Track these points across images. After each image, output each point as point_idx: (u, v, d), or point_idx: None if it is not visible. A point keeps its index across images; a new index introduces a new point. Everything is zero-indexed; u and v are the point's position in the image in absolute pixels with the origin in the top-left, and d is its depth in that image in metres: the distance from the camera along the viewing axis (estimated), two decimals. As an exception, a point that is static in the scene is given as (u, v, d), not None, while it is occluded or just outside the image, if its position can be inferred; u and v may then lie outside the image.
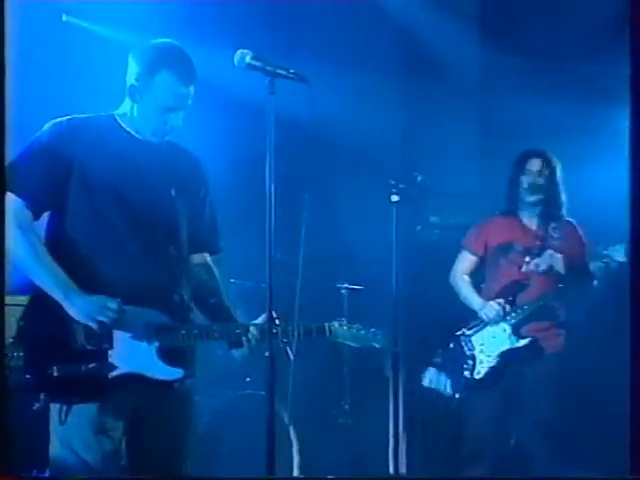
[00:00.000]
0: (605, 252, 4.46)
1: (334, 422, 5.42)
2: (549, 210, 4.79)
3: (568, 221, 4.83)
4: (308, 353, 3.18)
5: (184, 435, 3.15)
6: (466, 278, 4.90)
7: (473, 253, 4.91)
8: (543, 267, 4.66)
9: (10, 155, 3.01)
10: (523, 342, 4.61)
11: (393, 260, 4.24)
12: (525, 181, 4.77)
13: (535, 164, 4.77)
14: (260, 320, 3.09)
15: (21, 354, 2.91)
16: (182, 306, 3.14)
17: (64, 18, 4.89)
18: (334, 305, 5.47)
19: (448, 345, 4.74)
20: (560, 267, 4.67)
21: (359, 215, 5.65)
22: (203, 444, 4.33)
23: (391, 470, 4.02)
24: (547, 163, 4.77)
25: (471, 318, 4.78)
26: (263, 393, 2.89)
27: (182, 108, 3.09)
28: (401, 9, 5.67)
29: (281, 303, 2.95)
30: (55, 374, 2.86)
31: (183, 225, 3.17)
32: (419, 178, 4.61)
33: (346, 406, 5.44)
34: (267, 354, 2.87)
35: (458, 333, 4.75)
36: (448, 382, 4.69)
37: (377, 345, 3.26)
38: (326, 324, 3.20)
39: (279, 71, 2.89)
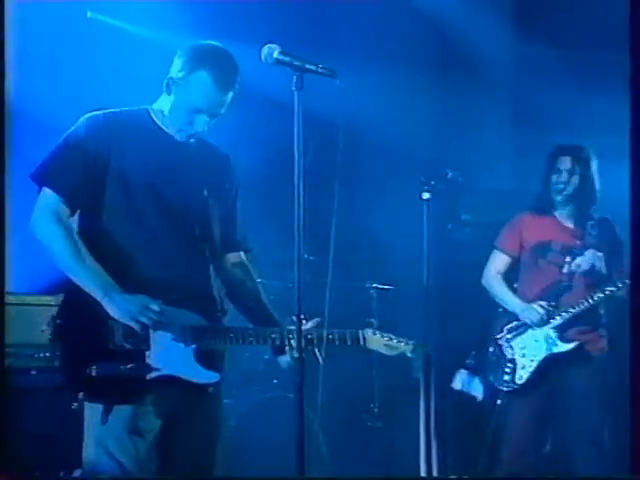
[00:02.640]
0: None
1: (363, 425, 5.44)
2: (584, 208, 4.73)
3: (605, 218, 4.77)
4: (336, 355, 3.19)
5: (215, 438, 3.17)
6: (500, 279, 4.83)
7: (507, 253, 4.84)
8: (585, 267, 4.60)
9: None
10: (569, 346, 4.55)
11: (424, 259, 4.25)
12: (555, 180, 4.71)
13: (565, 162, 4.71)
14: (308, 326, 3.06)
15: (57, 351, 2.93)
16: (216, 308, 3.16)
17: (89, 15, 4.95)
18: (363, 305, 5.49)
19: (487, 348, 4.69)
20: (602, 266, 4.62)
21: (389, 213, 5.65)
22: (231, 447, 4.35)
23: (422, 473, 4.02)
24: (578, 160, 4.69)
25: (505, 320, 4.73)
26: (291, 395, 2.90)
27: (212, 114, 3.09)
28: (432, 1, 5.65)
29: (310, 304, 2.96)
30: (93, 374, 2.87)
31: (215, 225, 3.19)
32: (450, 175, 4.60)
33: (375, 409, 5.45)
34: (296, 355, 2.88)
35: (497, 336, 4.69)
36: (481, 386, 4.66)
37: (410, 355, 3.25)
38: (360, 332, 3.19)
39: (308, 66, 2.86)
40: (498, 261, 4.87)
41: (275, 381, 5.03)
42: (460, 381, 4.70)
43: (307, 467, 2.84)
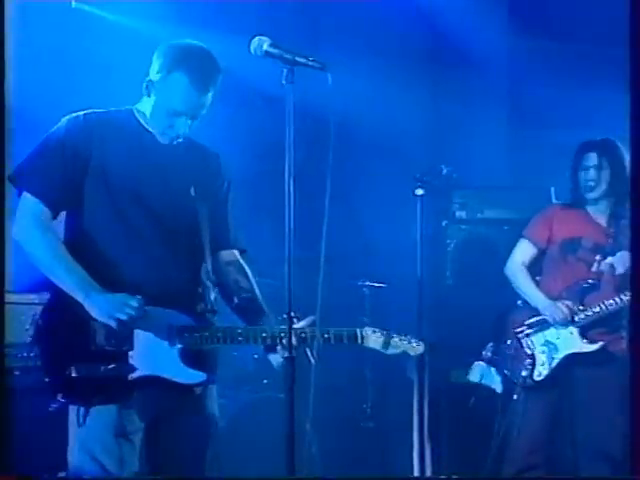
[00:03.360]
0: None
1: (356, 426, 5.42)
2: (617, 204, 4.63)
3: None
4: (329, 355, 3.17)
5: (204, 440, 3.16)
6: (526, 271, 4.72)
7: (535, 244, 4.72)
8: (620, 270, 4.52)
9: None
10: (593, 347, 4.50)
11: (417, 257, 4.23)
12: (584, 177, 4.63)
13: (591, 159, 4.62)
14: (301, 324, 3.05)
15: (38, 353, 2.93)
16: (205, 308, 3.15)
17: (73, 4, 4.92)
18: (356, 303, 5.48)
19: (505, 341, 4.63)
20: None
21: (382, 210, 5.64)
22: (221, 448, 4.34)
23: (415, 473, 4.01)
24: (607, 156, 4.59)
25: (525, 313, 4.65)
26: (282, 396, 2.89)
27: (192, 116, 3.07)
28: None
29: (301, 301, 2.94)
30: (73, 374, 2.87)
31: (205, 224, 3.17)
32: (445, 171, 4.58)
33: (368, 409, 5.44)
34: (286, 355, 2.87)
35: (517, 330, 4.64)
36: (499, 379, 4.60)
37: (412, 353, 3.22)
38: (358, 330, 3.16)
39: (298, 59, 2.84)
40: (524, 251, 4.75)
41: (265, 381, 5.02)
42: (479, 373, 4.63)
43: (298, 468, 2.83)
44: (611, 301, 4.47)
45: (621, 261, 4.55)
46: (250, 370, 5.02)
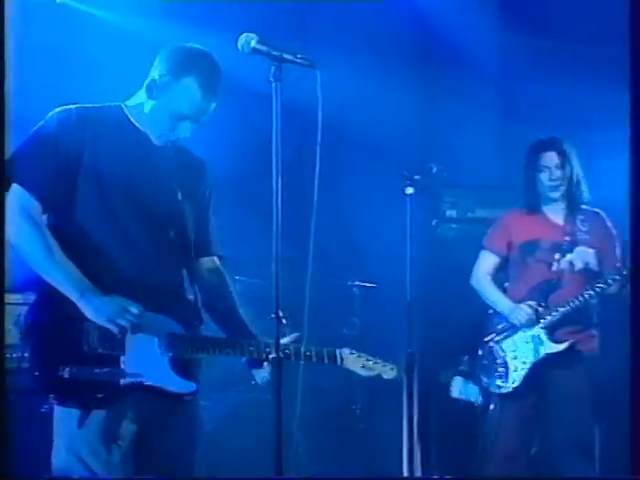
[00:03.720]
0: None
1: (345, 427, 5.42)
2: (573, 202, 4.68)
3: (596, 212, 4.71)
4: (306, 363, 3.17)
5: (193, 445, 3.15)
6: (490, 279, 4.78)
7: (496, 253, 4.78)
8: (579, 266, 4.55)
9: (10, 145, 2.98)
10: (561, 347, 4.50)
11: (407, 256, 4.23)
12: (544, 178, 4.64)
13: (551, 158, 4.63)
14: (287, 340, 3.07)
15: (27, 352, 2.89)
16: (193, 315, 3.13)
17: (58, 0, 4.89)
18: (345, 304, 5.47)
19: (476, 352, 4.65)
20: (593, 264, 4.57)
21: (371, 209, 5.63)
22: (208, 451, 4.33)
23: (405, 474, 4.01)
24: (563, 153, 4.63)
25: (496, 321, 4.69)
26: (269, 397, 2.89)
27: (195, 121, 3.06)
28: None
29: (290, 302, 2.93)
30: (66, 376, 2.83)
31: (190, 229, 3.17)
32: (435, 169, 4.58)
33: (357, 411, 5.43)
34: (273, 355, 2.84)
35: (487, 339, 4.65)
36: (477, 390, 4.61)
37: (386, 377, 3.26)
38: (337, 351, 3.21)
39: (286, 56, 2.82)
40: (487, 261, 4.82)
41: (253, 382, 5.00)
42: (457, 389, 4.67)
43: (285, 470, 2.81)
44: (574, 298, 4.47)
45: (579, 257, 4.58)
46: (238, 371, 5.00)
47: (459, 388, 4.64)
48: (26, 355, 2.91)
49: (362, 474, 5.16)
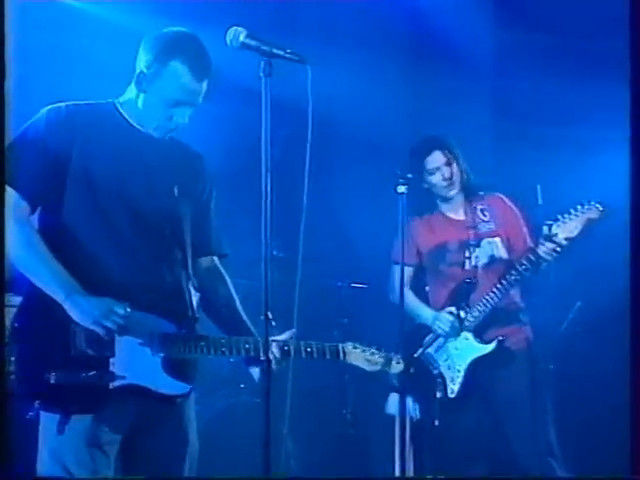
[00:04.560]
0: (552, 232, 4.19)
1: (335, 432, 5.41)
2: (469, 192, 4.61)
3: (494, 196, 4.65)
4: (308, 360, 3.15)
5: (182, 450, 3.11)
6: (407, 291, 4.55)
7: (407, 264, 4.49)
8: (484, 260, 4.51)
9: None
10: (490, 347, 4.41)
11: (400, 256, 4.21)
12: (436, 180, 4.56)
13: (437, 158, 4.56)
14: (283, 337, 3.06)
15: (13, 358, 2.85)
16: (187, 314, 3.11)
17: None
18: (336, 304, 5.46)
19: (408, 369, 4.45)
20: (501, 252, 4.53)
21: (363, 207, 5.62)
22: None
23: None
24: (446, 149, 4.57)
25: (424, 333, 4.54)
26: (258, 400, 2.87)
27: (190, 104, 3.05)
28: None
29: (279, 302, 2.92)
30: (52, 381, 2.81)
31: (187, 226, 3.15)
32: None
33: (348, 415, 5.42)
34: (262, 357, 2.83)
35: (416, 354, 4.47)
36: (417, 406, 4.33)
37: (392, 371, 3.23)
38: (340, 345, 3.19)
39: (276, 51, 2.81)
40: (399, 275, 4.42)
41: (242, 385, 5.00)
42: (392, 405, 4.27)
43: (274, 475, 2.81)
44: (487, 294, 4.38)
45: (483, 251, 4.54)
46: (226, 374, 4.99)
47: (394, 405, 4.23)
48: (12, 360, 2.87)
49: (352, 478, 5.15)
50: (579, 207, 4.19)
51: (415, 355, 4.48)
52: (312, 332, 3.20)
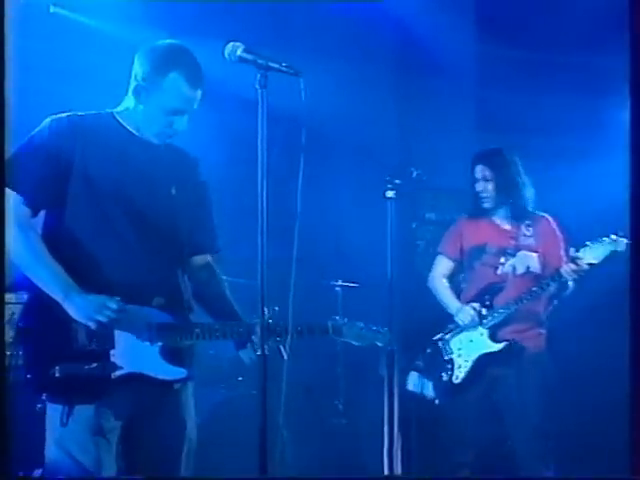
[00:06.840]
0: (577, 254, 4.41)
1: (327, 422, 5.44)
2: (516, 208, 4.77)
3: (541, 216, 4.81)
4: (301, 352, 3.19)
5: (181, 436, 3.16)
6: (445, 282, 4.90)
7: (449, 258, 4.92)
8: (521, 270, 4.69)
9: (8, 152, 3.01)
10: (499, 346, 4.61)
11: (388, 257, 4.26)
12: (477, 188, 4.79)
13: (478, 171, 4.77)
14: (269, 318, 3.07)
15: (20, 353, 2.92)
16: (183, 305, 3.16)
17: (52, 9, 4.89)
18: (328, 303, 5.49)
19: (426, 350, 4.76)
20: (536, 267, 4.70)
21: (354, 211, 5.66)
22: (195, 446, 4.34)
23: (386, 471, 4.04)
24: (489, 166, 4.74)
25: (448, 321, 4.80)
26: (255, 392, 2.91)
27: (188, 111, 3.12)
28: (396, 2, 5.67)
29: (274, 301, 2.96)
30: (57, 375, 2.87)
31: (184, 225, 3.19)
32: (415, 173, 4.62)
33: (340, 406, 5.45)
34: (259, 352, 2.87)
35: (436, 337, 4.78)
36: (430, 385, 4.71)
37: (380, 344, 3.31)
38: (329, 322, 3.26)
39: (272, 64, 2.86)
40: (441, 265, 4.95)
41: (240, 379, 5.02)
42: (411, 383, 4.75)
43: (270, 466, 2.84)
44: (514, 300, 4.58)
45: (521, 261, 4.70)
46: (225, 368, 5.02)
47: (413, 383, 4.73)
48: (19, 354, 2.95)
49: (345, 469, 5.17)
50: (607, 238, 4.35)
51: (434, 339, 4.77)
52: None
